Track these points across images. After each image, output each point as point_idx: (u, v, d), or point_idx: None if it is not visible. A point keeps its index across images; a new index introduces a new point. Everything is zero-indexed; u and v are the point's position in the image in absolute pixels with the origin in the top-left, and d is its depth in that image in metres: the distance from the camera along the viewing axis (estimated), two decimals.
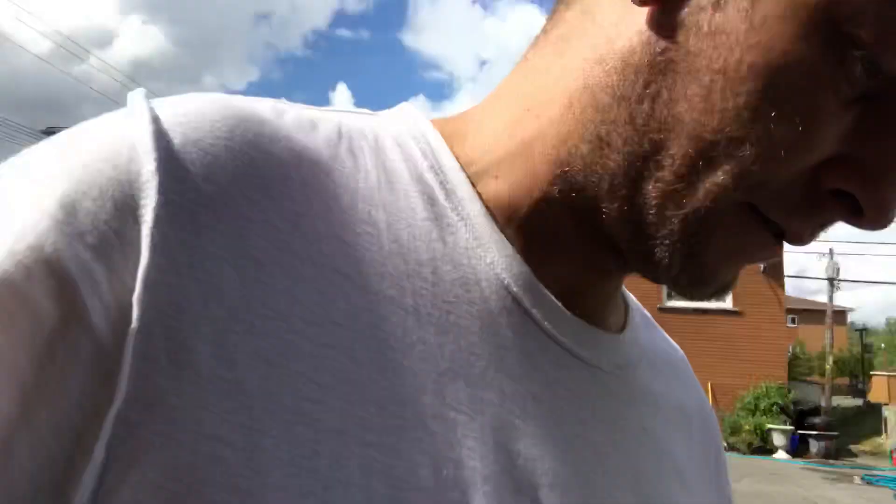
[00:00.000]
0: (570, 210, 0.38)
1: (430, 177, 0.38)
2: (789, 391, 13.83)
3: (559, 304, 0.38)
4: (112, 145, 0.31)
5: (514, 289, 0.37)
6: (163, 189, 0.30)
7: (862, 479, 10.00)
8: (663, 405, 0.44)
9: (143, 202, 0.30)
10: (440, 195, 0.37)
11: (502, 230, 0.38)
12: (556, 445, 0.36)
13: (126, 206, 0.30)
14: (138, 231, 0.29)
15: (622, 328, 0.43)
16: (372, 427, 0.31)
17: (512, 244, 0.38)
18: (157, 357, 0.28)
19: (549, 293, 0.38)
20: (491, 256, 0.37)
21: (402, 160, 0.38)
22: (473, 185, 0.38)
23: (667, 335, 0.51)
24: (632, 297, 0.47)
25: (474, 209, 0.38)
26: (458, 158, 0.39)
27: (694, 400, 0.49)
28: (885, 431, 15.21)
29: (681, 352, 0.53)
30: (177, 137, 0.31)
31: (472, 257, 0.37)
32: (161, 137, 0.31)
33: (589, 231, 0.38)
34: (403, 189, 0.37)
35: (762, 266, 13.86)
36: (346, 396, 0.30)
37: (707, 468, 0.48)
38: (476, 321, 0.36)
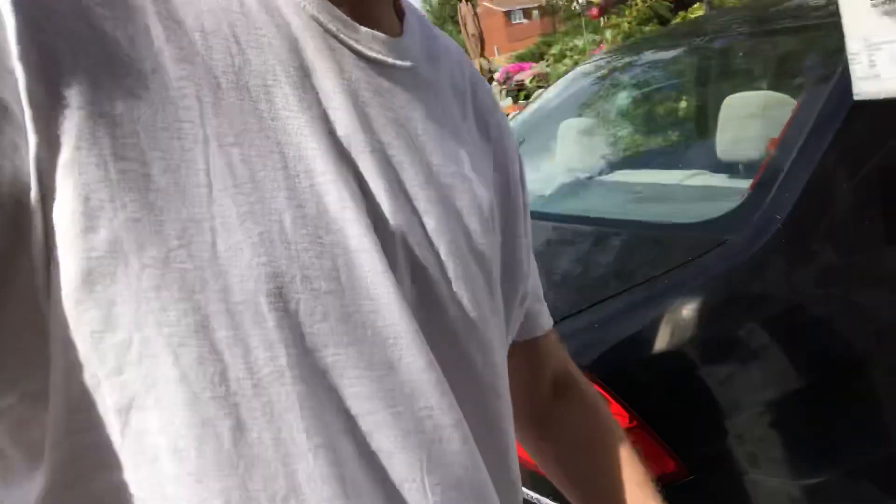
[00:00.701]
0: None
1: None
2: None
3: (349, 17, 0.45)
4: None
5: (310, 9, 0.43)
6: None
7: None
8: (442, 88, 0.54)
9: None
10: None
11: None
12: (364, 123, 0.44)
13: None
14: None
15: (401, 32, 0.50)
16: (229, 133, 0.38)
17: None
18: (48, 104, 0.32)
19: (339, 10, 0.44)
20: None
21: None
22: None
23: (440, 30, 0.59)
24: (409, 4, 0.54)
25: None
26: None
27: (467, 79, 0.58)
28: None
29: (454, 42, 0.60)
30: None
31: None
32: None
33: None
34: None
35: None
36: (204, 113, 0.37)
37: (482, 129, 0.58)
38: (285, 41, 0.42)
